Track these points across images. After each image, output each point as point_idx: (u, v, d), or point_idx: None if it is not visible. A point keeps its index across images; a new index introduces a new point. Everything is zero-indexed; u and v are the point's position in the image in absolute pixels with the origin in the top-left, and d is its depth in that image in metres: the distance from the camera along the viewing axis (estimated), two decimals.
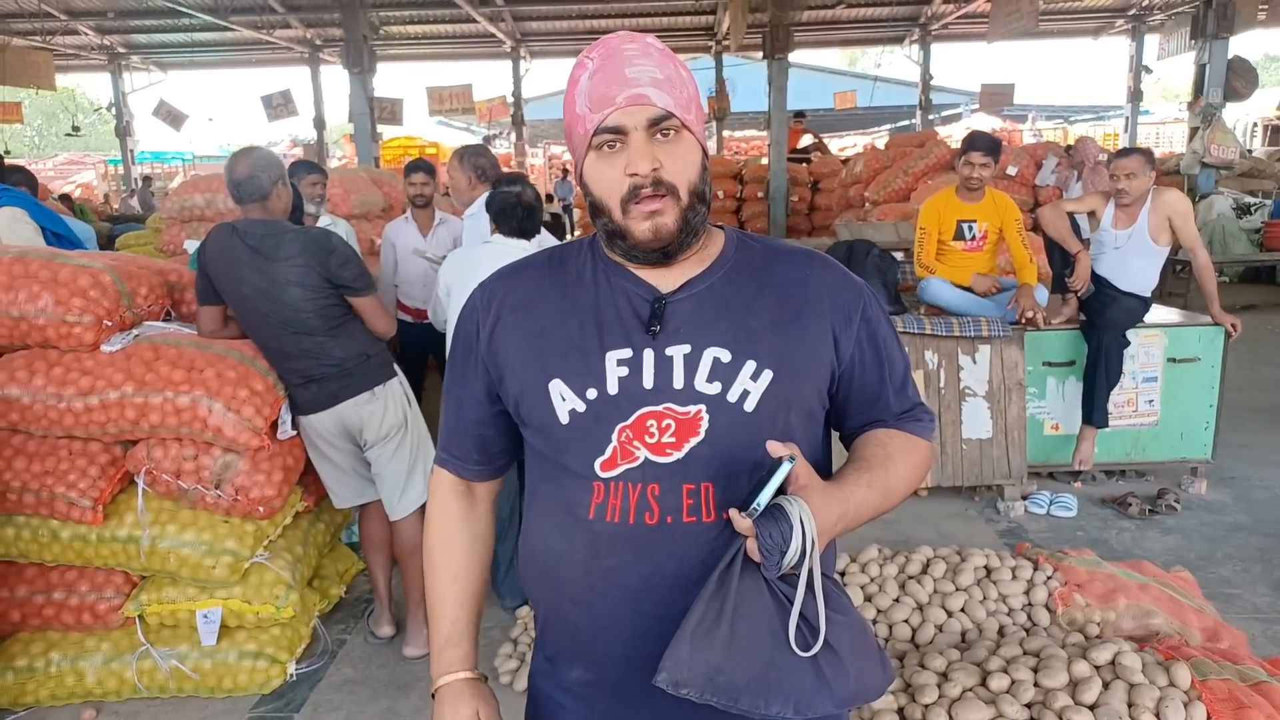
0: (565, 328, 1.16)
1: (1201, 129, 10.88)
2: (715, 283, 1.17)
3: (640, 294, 1.16)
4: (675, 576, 1.11)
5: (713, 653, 1.00)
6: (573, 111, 1.12)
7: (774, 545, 0.99)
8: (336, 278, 2.90)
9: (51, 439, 2.95)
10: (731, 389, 1.12)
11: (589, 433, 1.13)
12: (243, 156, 2.94)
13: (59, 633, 2.98)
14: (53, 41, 15.98)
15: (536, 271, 1.24)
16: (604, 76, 1.09)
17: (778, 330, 1.16)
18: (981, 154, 4.44)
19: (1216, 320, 4.44)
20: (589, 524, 1.14)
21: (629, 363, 1.13)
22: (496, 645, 3.23)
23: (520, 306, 1.20)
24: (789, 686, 1.02)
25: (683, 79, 1.12)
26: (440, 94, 15.70)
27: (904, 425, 1.25)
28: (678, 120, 1.09)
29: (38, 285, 2.91)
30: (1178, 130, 20.12)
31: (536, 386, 1.15)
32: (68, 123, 29.52)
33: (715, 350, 1.13)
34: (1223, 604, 3.30)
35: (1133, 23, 17.16)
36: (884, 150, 10.80)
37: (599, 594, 1.15)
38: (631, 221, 1.11)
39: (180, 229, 4.86)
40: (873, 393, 1.23)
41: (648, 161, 1.08)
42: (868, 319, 1.21)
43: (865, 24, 18.05)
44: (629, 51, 1.10)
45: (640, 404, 1.12)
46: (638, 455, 1.11)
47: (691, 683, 1.00)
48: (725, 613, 1.01)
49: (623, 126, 1.08)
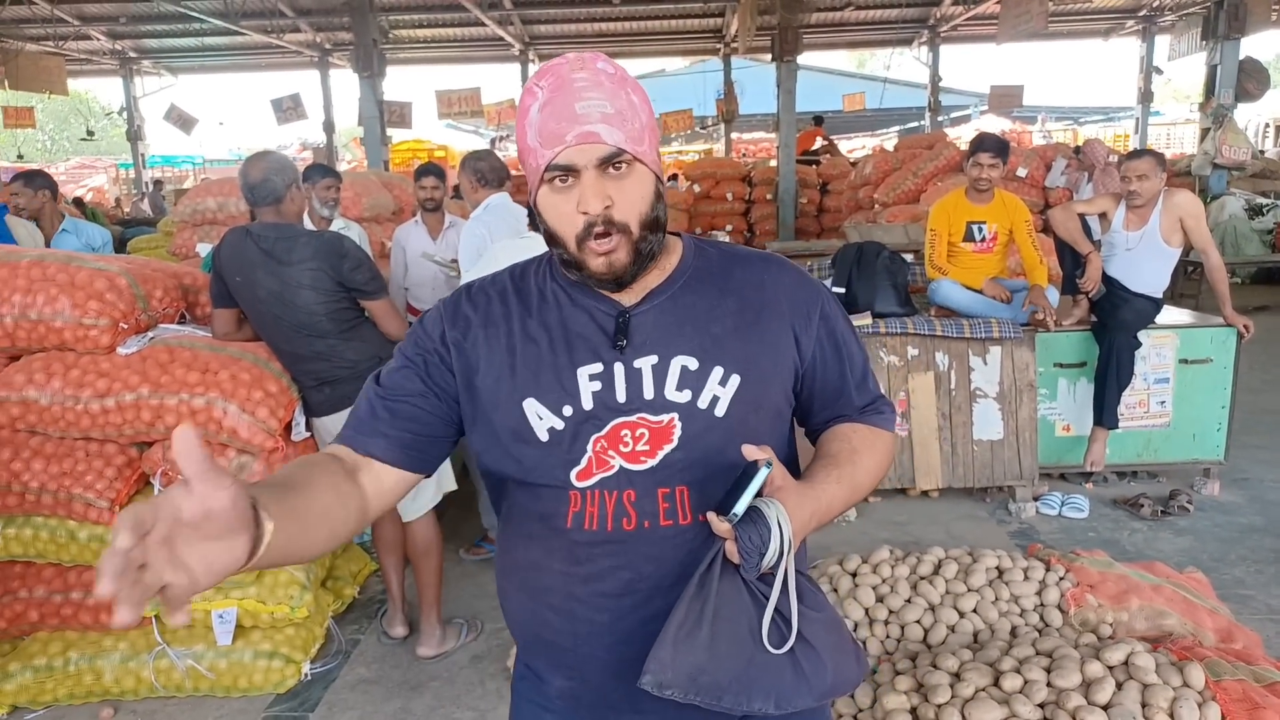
0: (535, 347, 1.17)
1: (1213, 130, 10.84)
2: (676, 292, 1.19)
3: (603, 309, 1.18)
4: (655, 579, 1.13)
5: (695, 654, 1.02)
6: (524, 141, 1.13)
7: (753, 548, 1.01)
8: (349, 281, 2.93)
9: (69, 440, 2.98)
10: (701, 395, 1.14)
11: (566, 447, 1.14)
12: (257, 160, 2.97)
13: (77, 632, 3.01)
14: (65, 47, 16.10)
15: (501, 291, 1.24)
16: (553, 110, 1.08)
17: (741, 335, 1.18)
18: (989, 155, 4.44)
19: (1229, 321, 4.43)
20: (567, 533, 1.15)
21: (600, 377, 1.15)
22: (509, 645, 3.25)
23: (489, 323, 1.21)
24: (769, 683, 1.04)
25: (634, 107, 1.11)
26: (449, 97, 15.77)
27: (867, 418, 1.28)
28: (629, 155, 1.09)
29: (55, 289, 2.94)
30: (1189, 131, 20.06)
31: (509, 405, 1.16)
32: (80, 127, 29.76)
33: (682, 359, 1.15)
34: (1236, 605, 3.29)
35: (1143, 23, 17.09)
36: (893, 152, 10.79)
37: (580, 601, 1.16)
38: (586, 256, 1.12)
39: (192, 232, 4.90)
40: (835, 388, 1.26)
41: (600, 200, 1.09)
42: (826, 316, 1.24)
43: (874, 26, 18.02)
44: (579, 82, 1.09)
45: (614, 415, 1.13)
46: (613, 464, 1.13)
47: (675, 684, 1.02)
48: (706, 614, 1.03)
49: (574, 164, 1.08)
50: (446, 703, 2.97)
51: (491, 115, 17.53)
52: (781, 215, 11.92)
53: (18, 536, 2.92)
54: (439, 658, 3.22)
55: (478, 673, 3.14)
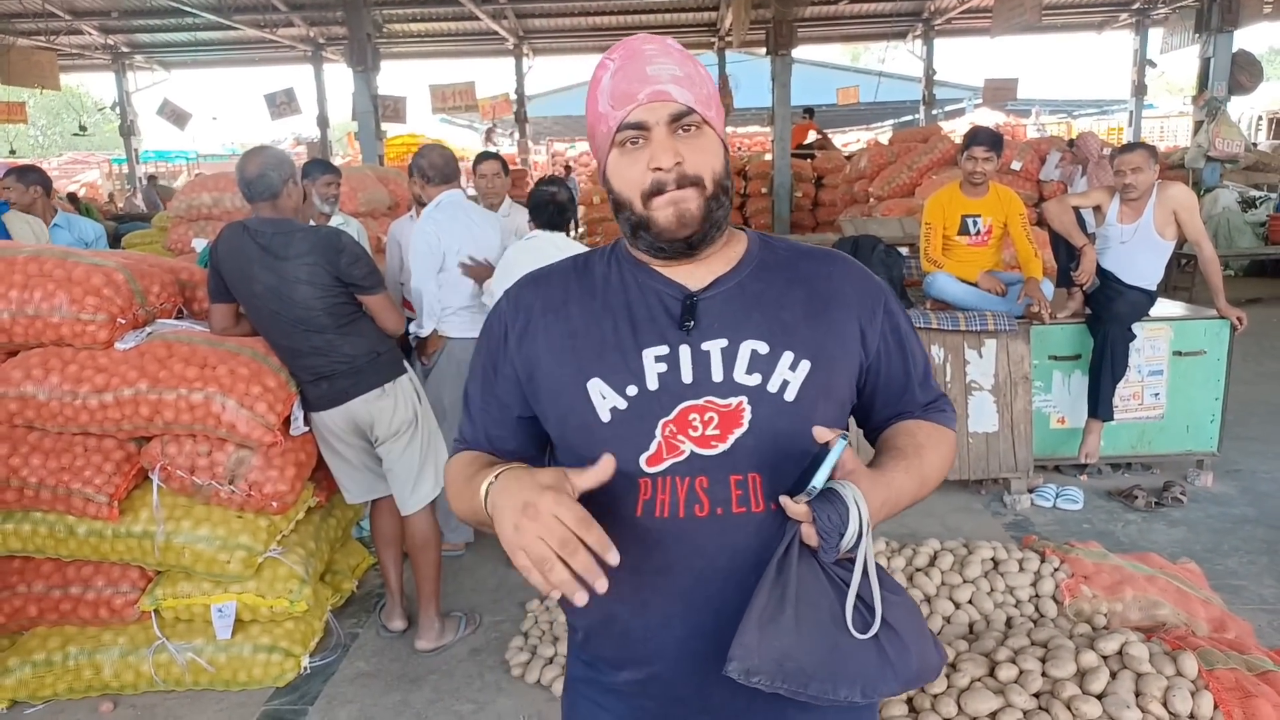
0: (599, 328, 1.17)
1: (1206, 123, 10.87)
2: (744, 279, 1.19)
3: (670, 293, 1.17)
4: (728, 569, 1.12)
5: (780, 638, 1.00)
6: (595, 111, 1.14)
7: (832, 528, 1.00)
8: (346, 276, 2.93)
9: (67, 436, 2.98)
10: (771, 379, 1.13)
11: (632, 429, 1.13)
12: (254, 155, 2.96)
13: (76, 627, 3.02)
14: (57, 41, 16.03)
15: (563, 276, 1.25)
16: (625, 75, 1.11)
17: (810, 322, 1.17)
18: (984, 149, 4.46)
19: (1222, 314, 4.45)
20: (637, 521, 1.13)
21: (666, 359, 1.14)
22: (508, 638, 3.26)
23: (551, 309, 1.21)
24: (855, 669, 1.03)
25: (702, 77, 1.14)
26: (443, 91, 15.72)
27: (930, 416, 1.28)
28: (699, 116, 1.11)
29: (52, 284, 2.94)
30: (1182, 124, 20.09)
31: (574, 387, 1.15)
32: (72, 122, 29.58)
33: (752, 343, 1.14)
34: (1229, 595, 3.32)
35: (1137, 16, 17.12)
36: (888, 146, 10.81)
37: (651, 592, 1.14)
38: (654, 211, 1.12)
39: (188, 227, 4.88)
40: (899, 385, 1.26)
41: (670, 155, 1.09)
42: (890, 312, 1.24)
43: (868, 19, 18.02)
44: (649, 50, 1.12)
45: (681, 398, 1.12)
46: (683, 449, 1.12)
47: (762, 670, 1.00)
48: (788, 598, 1.02)
49: (645, 122, 1.09)
50: (445, 695, 2.98)
51: (486, 109, 17.49)
52: (777, 209, 11.93)
53: (16, 532, 2.93)
54: (438, 651, 3.23)
55: (476, 665, 3.15)
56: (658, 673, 1.18)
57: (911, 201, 8.79)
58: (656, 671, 1.18)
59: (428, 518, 3.25)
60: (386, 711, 2.91)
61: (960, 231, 4.60)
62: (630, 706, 1.23)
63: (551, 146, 24.65)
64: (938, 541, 3.37)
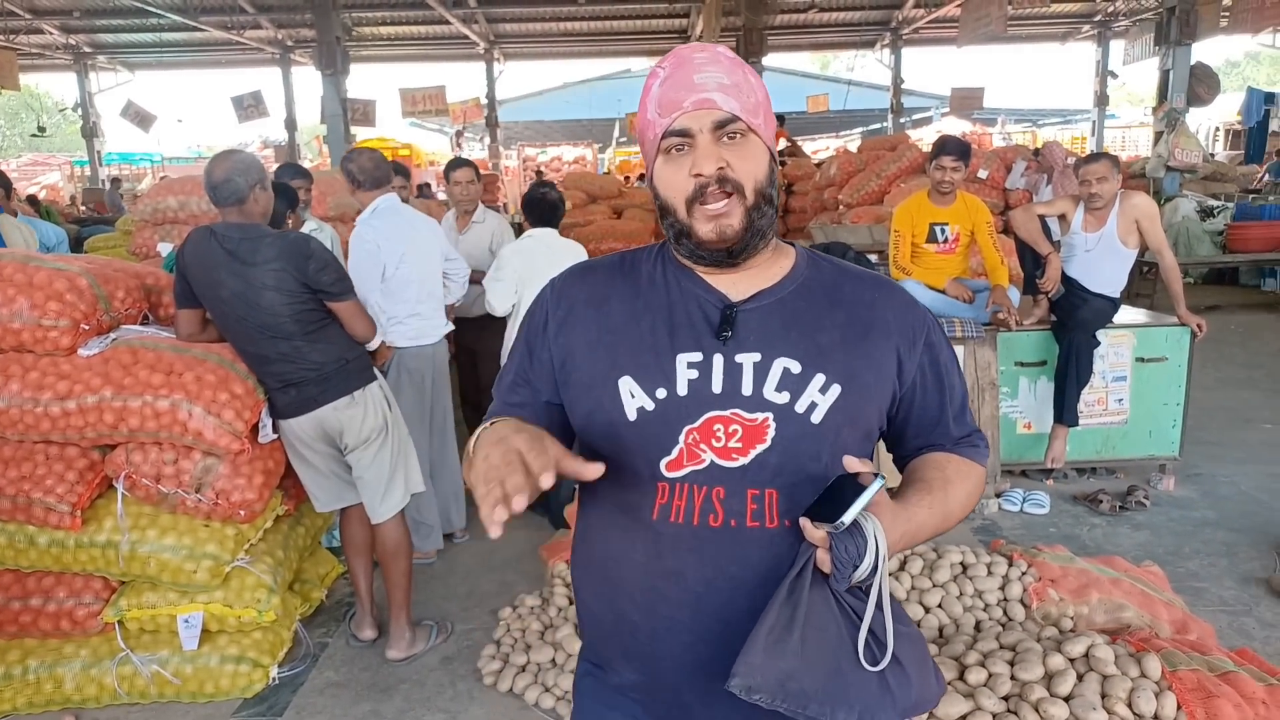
0: (637, 327, 1.18)
1: (1166, 133, 11.10)
2: (786, 296, 1.19)
3: (711, 300, 1.18)
4: (737, 580, 1.13)
5: (785, 659, 1.01)
6: (644, 118, 1.16)
7: (847, 559, 1.01)
8: (314, 282, 2.89)
9: (28, 444, 2.92)
10: (800, 400, 1.13)
11: (656, 432, 1.14)
12: (221, 160, 2.92)
13: (36, 639, 2.95)
14: (16, 40, 15.73)
15: (608, 272, 1.26)
16: (673, 83, 1.13)
17: (847, 347, 1.17)
18: (952, 158, 4.51)
19: (1183, 321, 4.54)
20: (652, 525, 1.14)
21: (699, 366, 1.14)
22: (480, 646, 3.24)
23: (594, 303, 1.22)
24: (855, 696, 1.04)
25: (751, 85, 1.14)
26: (414, 95, 15.66)
27: (961, 450, 1.28)
28: (744, 124, 1.12)
29: (13, 289, 2.88)
30: (1143, 134, 20.50)
31: (605, 382, 1.16)
32: (31, 123, 29.03)
33: (785, 361, 1.15)
34: (1191, 597, 3.39)
35: (1098, 29, 17.48)
36: (857, 153, 10.90)
37: (661, 595, 1.15)
38: (696, 221, 1.13)
39: (153, 231, 4.80)
40: (933, 417, 1.26)
41: (712, 162, 1.10)
42: (931, 344, 1.24)
43: (837, 28, 18.23)
44: (698, 59, 1.14)
45: (708, 407, 1.13)
46: (704, 458, 1.12)
47: (764, 688, 1.01)
48: (797, 620, 1.03)
49: (689, 129, 1.11)
50: (417, 705, 2.96)
51: (456, 114, 17.43)
52: None
53: None
54: (409, 660, 3.20)
55: (448, 674, 3.13)
56: (662, 677, 1.19)
57: (880, 209, 8.87)
58: (661, 675, 1.19)
59: (399, 526, 3.22)
60: None
61: (928, 239, 4.65)
62: (637, 708, 1.25)
63: (523, 151, 24.61)
64: None
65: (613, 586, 1.21)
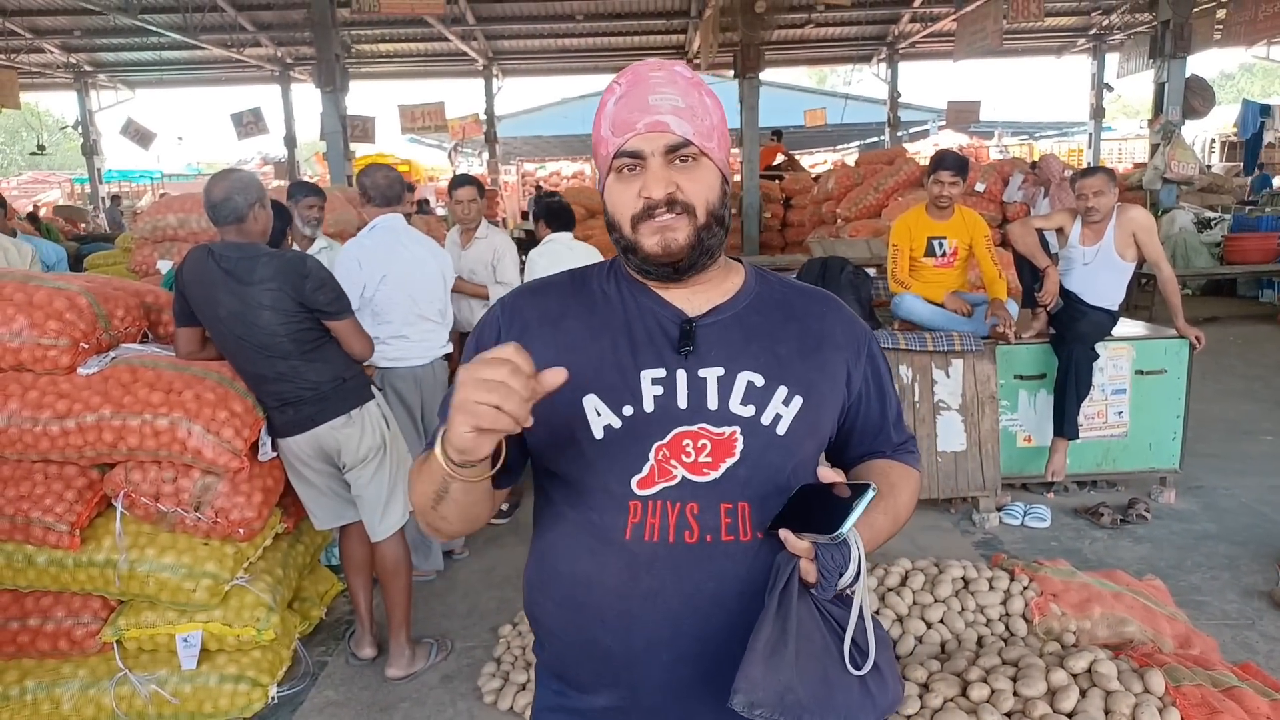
0: (598, 344, 1.17)
1: (1162, 145, 11.15)
2: (742, 311, 1.21)
3: (668, 316, 1.18)
4: (714, 596, 1.13)
5: (783, 672, 1.02)
6: (598, 133, 1.16)
7: (834, 568, 1.03)
8: (311, 302, 2.89)
9: (27, 463, 2.91)
10: (765, 412, 1.15)
11: (624, 449, 1.13)
12: (220, 179, 2.93)
13: (34, 660, 2.93)
14: (17, 59, 15.80)
15: (559, 290, 1.25)
16: (628, 102, 1.13)
17: (804, 359, 1.20)
18: (950, 173, 4.53)
19: (1181, 333, 4.55)
20: (625, 545, 1.13)
21: (663, 382, 1.14)
22: (480, 664, 3.23)
23: (548, 321, 1.21)
24: (841, 701, 1.06)
25: (707, 108, 1.15)
26: (413, 112, 15.71)
27: (900, 456, 1.33)
28: (696, 148, 1.12)
29: (12, 308, 2.88)
30: (1139, 146, 20.60)
31: (569, 401, 1.14)
32: (32, 141, 29.14)
33: (749, 374, 1.16)
34: (1193, 611, 3.37)
35: (1094, 42, 17.57)
36: (854, 167, 10.95)
37: (636, 617, 1.14)
38: (641, 237, 1.13)
39: (153, 249, 4.82)
40: (875, 425, 1.30)
41: (662, 186, 1.11)
42: (872, 355, 1.28)
43: (834, 43, 18.32)
44: (655, 79, 1.14)
45: (676, 423, 1.13)
46: (675, 474, 1.12)
47: (766, 703, 1.01)
48: (789, 632, 1.03)
49: (640, 151, 1.11)
50: None
51: (455, 130, 17.50)
52: (746, 229, 12.03)
53: None
54: (409, 678, 3.19)
55: (449, 693, 3.11)
56: (640, 699, 1.18)
57: (878, 223, 8.91)
58: (639, 697, 1.18)
59: (398, 544, 3.21)
60: None
61: (927, 253, 4.67)
62: None
63: (521, 167, 24.69)
64: (909, 561, 3.39)
65: (581, 610, 1.18)
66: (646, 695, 1.17)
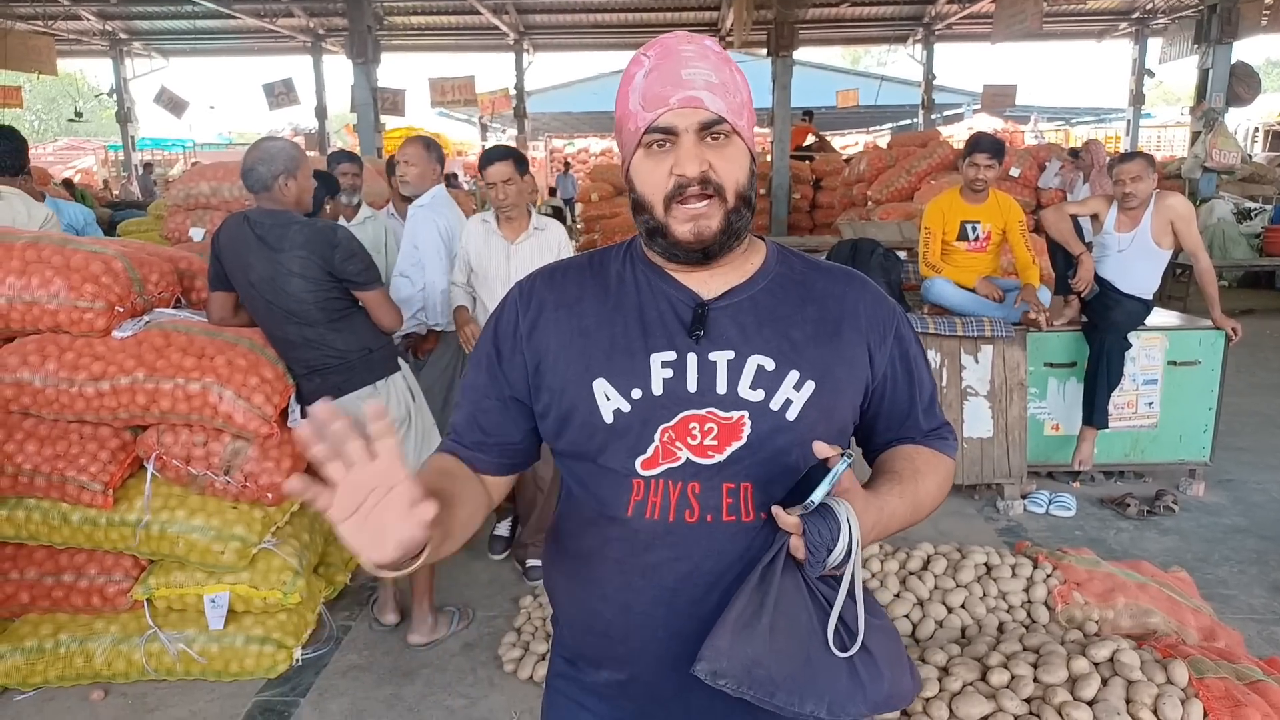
0: (610, 328, 1.16)
1: (1203, 133, 10.92)
2: (757, 293, 1.18)
3: (682, 299, 1.17)
4: (713, 574, 1.12)
5: (752, 645, 1.01)
6: (624, 107, 1.13)
7: (821, 543, 1.00)
8: (340, 272, 2.91)
9: (63, 423, 2.97)
10: (774, 397, 1.13)
11: (632, 432, 1.13)
12: (253, 148, 2.97)
13: (68, 615, 3.00)
14: (54, 26, 15.95)
15: (578, 272, 1.24)
16: (659, 75, 1.09)
17: (819, 343, 1.17)
18: (986, 156, 4.47)
19: (1217, 324, 4.47)
20: (627, 522, 1.14)
21: (673, 365, 1.13)
22: (500, 634, 3.26)
23: (564, 305, 1.20)
24: (824, 685, 1.03)
25: (737, 84, 1.12)
26: (443, 85, 15.69)
27: (930, 443, 1.28)
28: (729, 125, 1.09)
29: (50, 271, 2.93)
30: (1179, 134, 20.18)
31: (579, 385, 1.14)
32: (69, 108, 29.46)
33: (759, 358, 1.14)
34: (1219, 604, 3.34)
35: (1136, 26, 17.20)
36: (887, 149, 10.84)
37: (635, 591, 1.15)
38: (673, 220, 1.11)
39: (185, 216, 4.87)
40: (903, 410, 1.26)
41: (695, 164, 1.08)
42: (900, 337, 1.24)
43: (869, 23, 18.06)
44: (686, 52, 1.10)
45: (683, 407, 1.12)
46: (680, 455, 1.12)
47: (730, 673, 1.00)
48: (766, 606, 1.02)
49: (674, 127, 1.08)
50: (438, 690, 2.98)
51: (485, 104, 17.47)
52: (775, 210, 11.95)
53: (10, 518, 2.91)
54: (431, 645, 3.23)
55: (469, 660, 3.15)
56: (637, 674, 1.19)
57: (910, 206, 8.81)
58: (636, 672, 1.19)
59: None
60: (378, 704, 2.91)
61: (959, 237, 4.61)
62: (610, 706, 1.24)
63: (550, 143, 24.63)
64: (931, 546, 3.38)
65: (585, 585, 1.20)
66: (644, 670, 1.18)
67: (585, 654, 1.25)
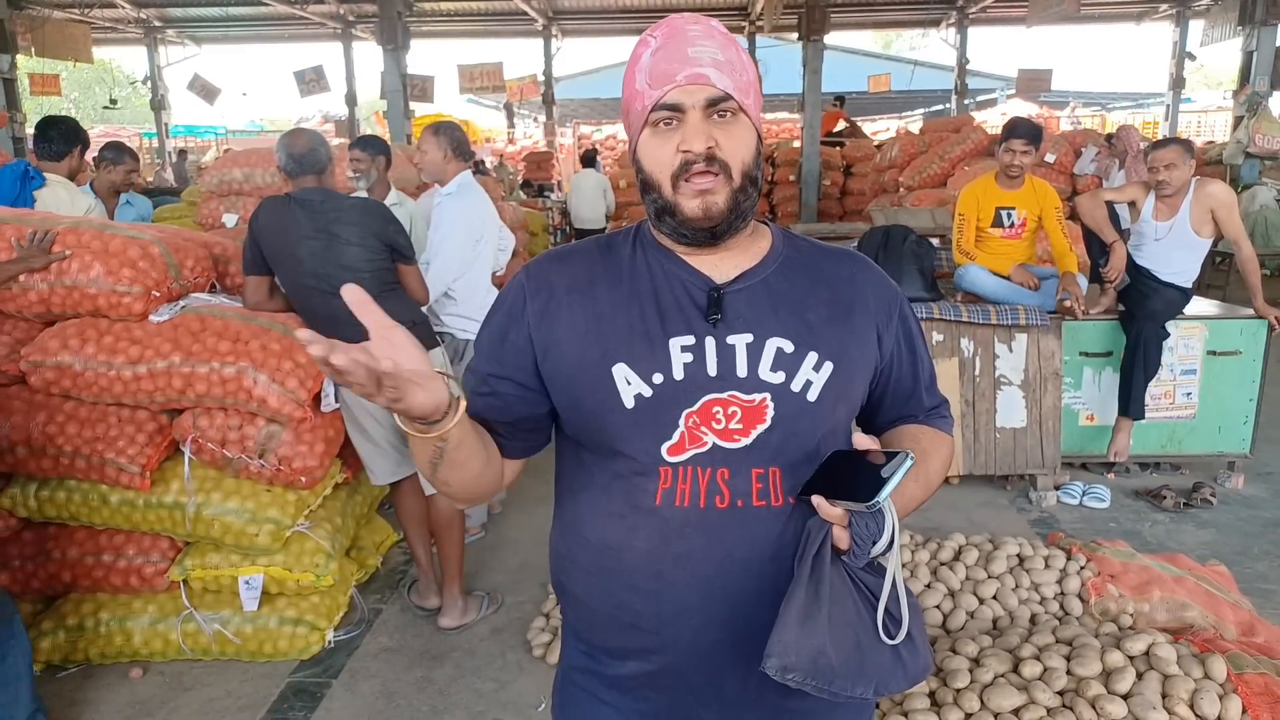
0: (627, 313, 1.15)
1: (1246, 118, 10.65)
2: (769, 276, 1.18)
3: (696, 283, 1.16)
4: (745, 561, 1.12)
5: (816, 636, 1.01)
6: (631, 87, 1.13)
7: (867, 535, 1.02)
8: (393, 243, 3.10)
9: (101, 406, 3.02)
10: (795, 379, 1.13)
11: (655, 418, 1.12)
12: (299, 134, 3.11)
13: (108, 594, 3.06)
14: (90, 14, 16.13)
15: (587, 256, 1.22)
16: (666, 54, 1.09)
17: (834, 324, 1.17)
18: (1023, 141, 4.39)
19: (1260, 313, 4.38)
20: (656, 510, 1.13)
21: (692, 349, 1.13)
22: (529, 619, 3.28)
23: (577, 288, 1.18)
24: (873, 668, 1.05)
25: (743, 63, 1.12)
26: (471, 71, 15.70)
27: (932, 421, 1.31)
28: (735, 103, 1.09)
29: (90, 255, 2.98)
30: (1219, 119, 19.73)
31: (597, 370, 1.13)
32: (104, 95, 29.86)
33: (778, 341, 1.14)
34: (1259, 600, 3.28)
35: (1177, 8, 16.78)
36: (919, 135, 10.70)
37: (668, 581, 1.14)
38: (681, 198, 1.10)
39: (219, 203, 4.92)
40: (907, 390, 1.28)
41: (702, 140, 1.08)
42: (904, 317, 1.25)
43: (902, 6, 17.82)
44: (692, 32, 1.11)
45: (705, 391, 1.12)
46: (706, 440, 1.11)
47: (799, 667, 1.01)
48: (822, 597, 1.03)
49: (680, 104, 1.08)
50: (468, 673, 3.01)
51: (513, 90, 17.46)
52: (804, 197, 11.85)
53: (51, 499, 2.97)
54: (460, 629, 3.26)
55: (498, 644, 3.17)
56: (669, 663, 1.18)
57: (943, 192, 8.69)
58: (668, 662, 1.18)
59: None
60: (408, 687, 2.94)
61: (994, 224, 4.55)
62: (634, 699, 1.23)
63: (578, 129, 24.58)
64: (963, 536, 3.35)
65: (610, 576, 1.18)
66: (674, 659, 1.17)
67: (608, 646, 1.23)
